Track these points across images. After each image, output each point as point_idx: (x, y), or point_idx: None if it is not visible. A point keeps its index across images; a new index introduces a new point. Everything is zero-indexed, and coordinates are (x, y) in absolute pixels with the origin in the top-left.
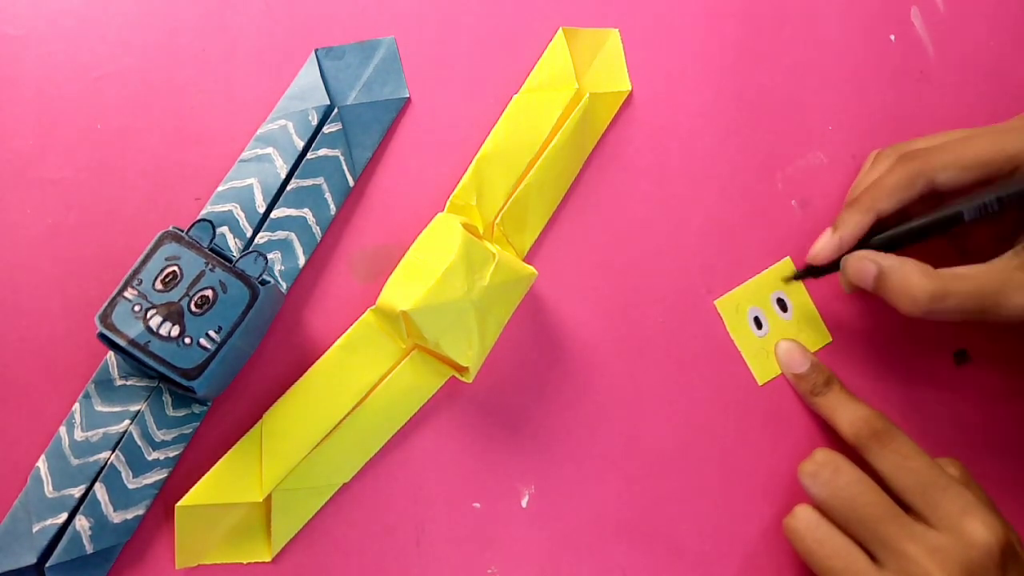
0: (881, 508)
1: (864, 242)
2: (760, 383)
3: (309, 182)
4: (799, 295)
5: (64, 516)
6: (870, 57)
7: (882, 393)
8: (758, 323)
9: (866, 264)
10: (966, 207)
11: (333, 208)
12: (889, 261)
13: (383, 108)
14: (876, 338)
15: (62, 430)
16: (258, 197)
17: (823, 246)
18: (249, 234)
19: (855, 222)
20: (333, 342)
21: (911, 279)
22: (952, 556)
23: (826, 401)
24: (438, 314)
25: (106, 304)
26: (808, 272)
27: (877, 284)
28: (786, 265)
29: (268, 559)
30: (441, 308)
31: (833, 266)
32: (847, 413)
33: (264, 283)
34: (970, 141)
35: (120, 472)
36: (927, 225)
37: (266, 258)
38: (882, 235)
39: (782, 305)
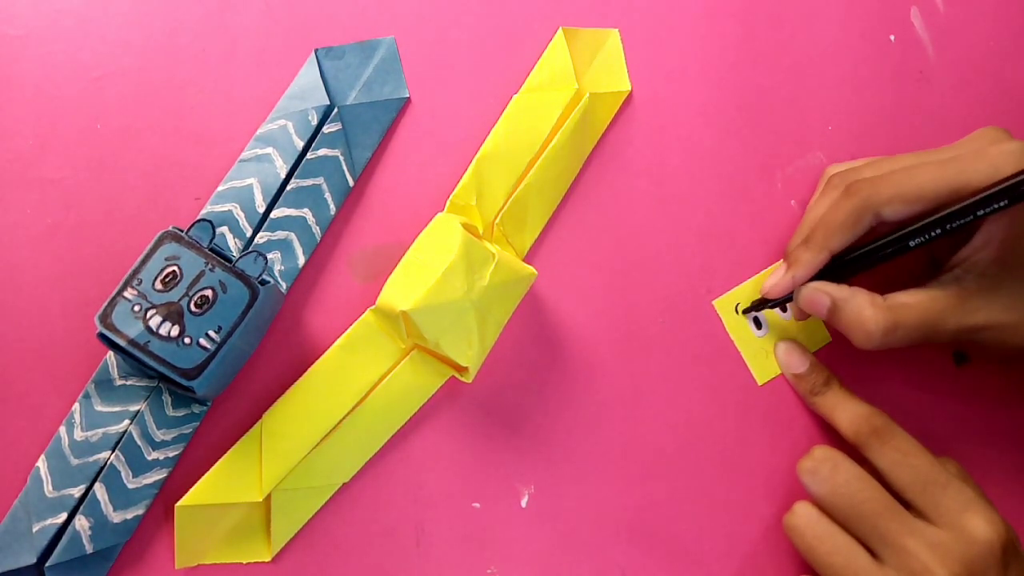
0: (881, 504)
1: (822, 274)
2: (760, 383)
3: (309, 182)
4: None
5: (64, 516)
6: (870, 57)
7: (881, 393)
8: (757, 323)
9: (819, 296)
10: (912, 236)
11: (333, 208)
12: (841, 293)
13: (383, 108)
14: None
15: (62, 430)
16: (258, 197)
17: (776, 283)
18: (249, 234)
19: (807, 261)
20: (333, 342)
21: (864, 313)
22: (953, 552)
23: (825, 400)
24: (438, 314)
25: (106, 304)
26: (762, 304)
27: (830, 316)
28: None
29: (268, 559)
30: (441, 308)
31: (782, 301)
32: (847, 411)
33: (264, 283)
34: (914, 172)
35: (120, 472)
36: (874, 252)
37: (266, 258)
38: (843, 258)
39: (781, 305)
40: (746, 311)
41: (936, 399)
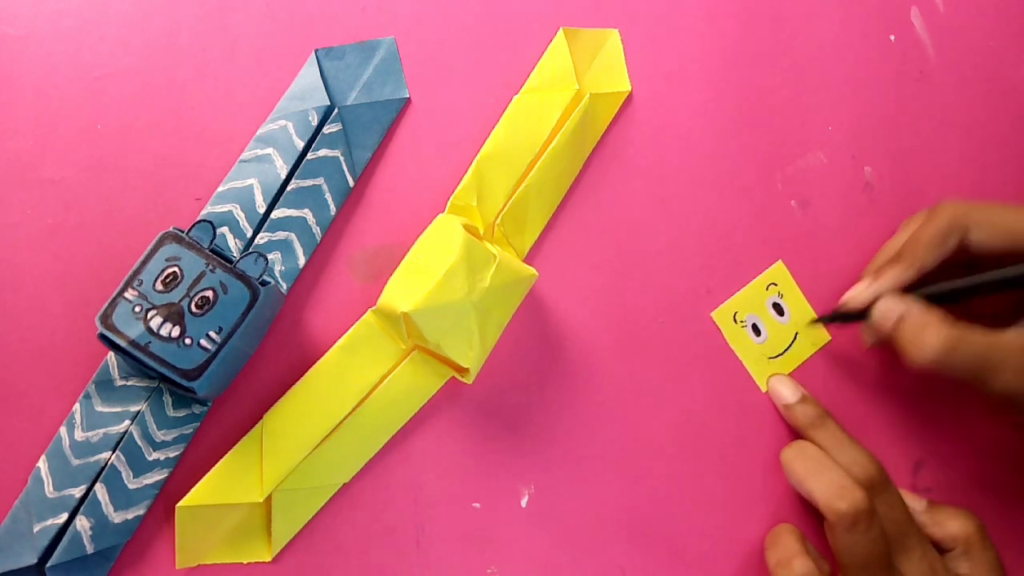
0: None
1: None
2: (764, 390)
3: (309, 182)
4: (795, 298)
5: (65, 516)
6: (870, 57)
7: (881, 392)
8: (756, 330)
9: (895, 305)
10: (1000, 283)
11: (333, 208)
12: (916, 307)
13: (383, 108)
14: None
15: (62, 430)
16: (258, 197)
17: (858, 293)
18: (249, 234)
19: (894, 275)
20: (333, 343)
21: (928, 327)
22: None
23: (820, 437)
24: (439, 315)
25: (106, 305)
26: (835, 317)
27: (896, 327)
28: (778, 269)
29: (268, 559)
30: (442, 309)
31: (861, 315)
32: (843, 454)
33: (264, 284)
34: (1009, 207)
35: (120, 472)
36: (963, 289)
37: (266, 259)
38: (927, 289)
39: (779, 310)
40: (821, 320)
41: (936, 398)
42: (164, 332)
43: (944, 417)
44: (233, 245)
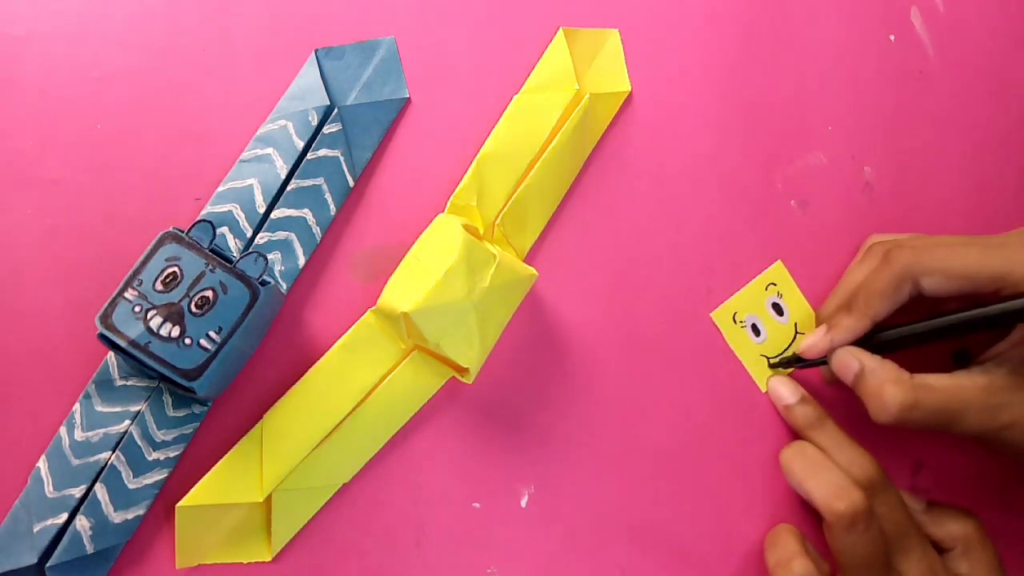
0: None
1: (860, 343)
2: (764, 390)
3: (309, 182)
4: (794, 298)
5: (64, 516)
6: (870, 57)
7: None
8: (756, 330)
9: (850, 360)
10: (954, 327)
11: (333, 208)
12: (871, 362)
13: (383, 108)
14: None
15: (62, 430)
16: (258, 197)
17: (815, 343)
18: (249, 234)
19: (846, 327)
20: (333, 343)
21: (885, 387)
22: None
23: (820, 438)
24: (439, 315)
25: (106, 305)
26: (795, 362)
27: (855, 382)
28: (777, 269)
29: (268, 559)
30: (442, 309)
31: (816, 362)
32: (842, 455)
33: (264, 284)
34: (959, 249)
35: (120, 472)
36: (913, 335)
37: (266, 259)
38: (884, 336)
39: (778, 310)
40: (777, 365)
41: None
42: (164, 332)
43: None
44: (233, 245)
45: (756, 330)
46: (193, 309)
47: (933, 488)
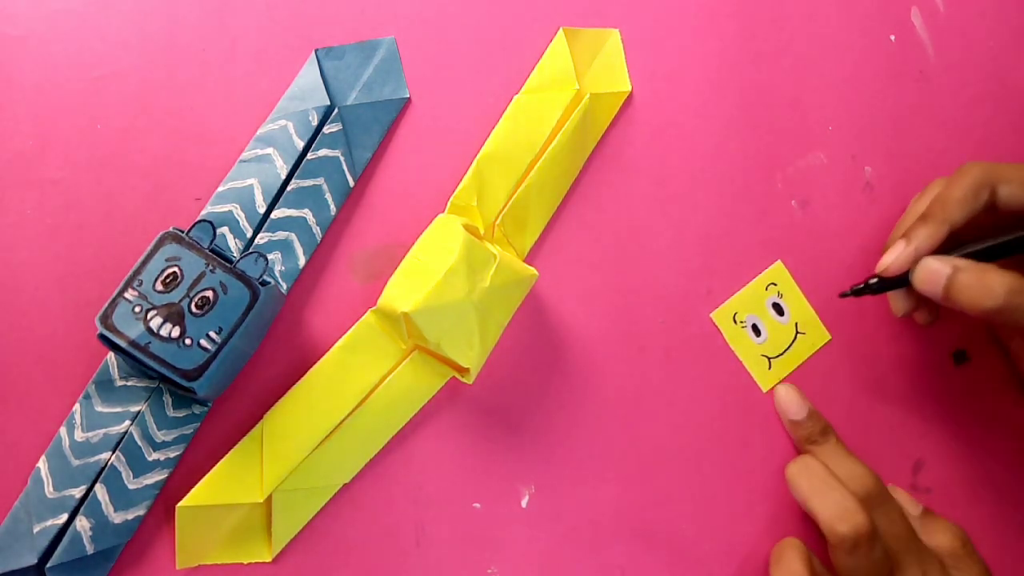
0: None
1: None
2: (764, 390)
3: (309, 182)
4: (795, 298)
5: (65, 517)
6: (870, 57)
7: (881, 392)
8: (756, 330)
9: (939, 266)
10: None
11: (333, 208)
12: (963, 263)
13: (383, 108)
14: (875, 337)
15: (62, 431)
16: (258, 197)
17: (897, 257)
18: (249, 235)
19: (928, 234)
20: (334, 343)
21: (989, 274)
22: None
23: (822, 453)
24: (439, 315)
25: (106, 305)
26: (867, 289)
27: (949, 286)
28: (778, 269)
29: (268, 559)
30: (442, 309)
31: (895, 283)
32: (843, 470)
33: (264, 284)
34: None
35: (121, 473)
36: (1005, 243)
37: (266, 259)
38: (966, 250)
39: (778, 310)
40: (851, 293)
41: (935, 398)
42: (164, 332)
43: (944, 417)
44: (233, 245)
45: (757, 330)
46: (193, 309)
47: (933, 488)
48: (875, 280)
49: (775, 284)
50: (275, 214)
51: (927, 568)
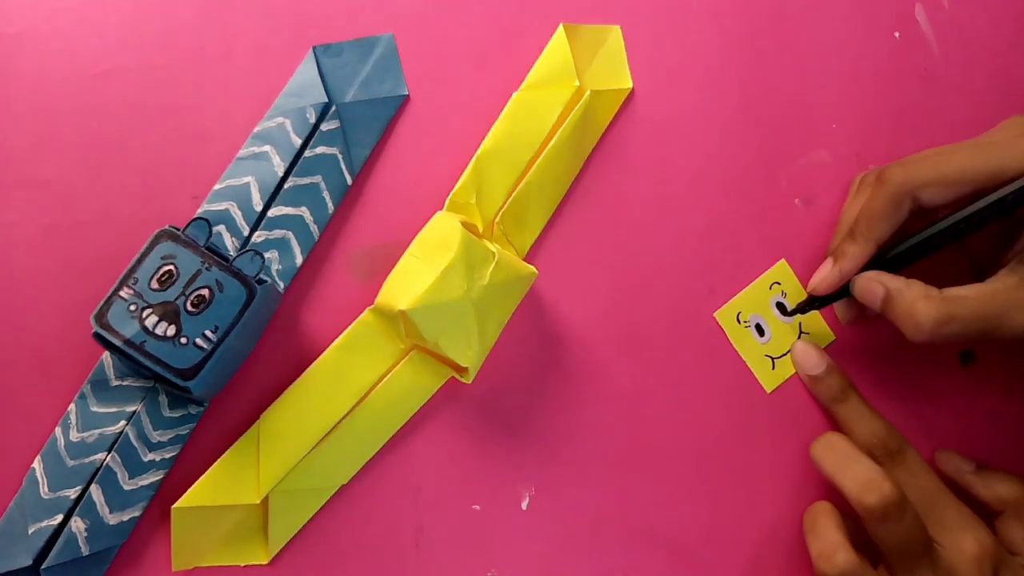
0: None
1: (870, 267)
2: (768, 391)
3: (307, 180)
4: (799, 297)
5: (60, 517)
6: (874, 55)
7: (887, 392)
8: (760, 330)
9: (874, 285)
10: (967, 222)
11: (331, 207)
12: (895, 283)
13: (382, 105)
14: (880, 337)
15: (58, 431)
16: (255, 195)
17: (823, 277)
18: (246, 233)
19: (854, 253)
20: (331, 342)
21: (916, 305)
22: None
23: (843, 411)
24: (437, 314)
25: (101, 304)
26: (810, 304)
27: (884, 306)
28: (782, 268)
29: (265, 561)
30: (440, 308)
31: (837, 294)
32: (864, 427)
33: (261, 282)
34: (950, 155)
35: (116, 473)
36: (923, 244)
37: (263, 257)
38: (892, 252)
39: (782, 309)
40: (794, 311)
41: (942, 398)
42: (159, 331)
43: (944, 417)
44: (230, 243)
45: (760, 330)
46: (189, 308)
47: None
48: (811, 299)
49: (779, 283)
50: (272, 212)
51: (963, 519)
